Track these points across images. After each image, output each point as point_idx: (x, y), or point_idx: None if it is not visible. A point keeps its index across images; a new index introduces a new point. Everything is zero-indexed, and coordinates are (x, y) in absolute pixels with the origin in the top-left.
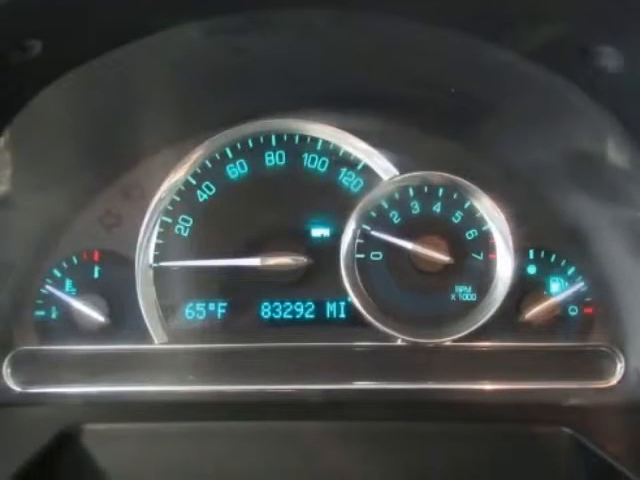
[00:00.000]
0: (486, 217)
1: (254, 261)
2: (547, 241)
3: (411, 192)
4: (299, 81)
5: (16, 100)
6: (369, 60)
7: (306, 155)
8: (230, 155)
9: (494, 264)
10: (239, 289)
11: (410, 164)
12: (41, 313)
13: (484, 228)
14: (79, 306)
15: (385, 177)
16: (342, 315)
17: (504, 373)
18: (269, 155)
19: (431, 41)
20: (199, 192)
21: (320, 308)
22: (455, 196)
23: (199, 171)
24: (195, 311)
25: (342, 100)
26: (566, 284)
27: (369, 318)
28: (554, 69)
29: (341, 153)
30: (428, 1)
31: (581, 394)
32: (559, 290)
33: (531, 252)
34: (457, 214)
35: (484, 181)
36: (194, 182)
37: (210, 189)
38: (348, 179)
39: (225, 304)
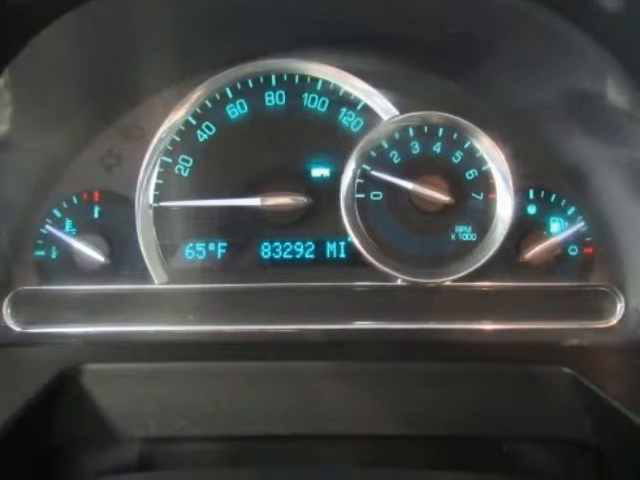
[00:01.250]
0: (486, 157)
1: (254, 201)
2: (547, 181)
3: (411, 132)
4: (299, 21)
5: (16, 40)
6: None
7: (306, 95)
8: (230, 95)
9: (494, 204)
10: (239, 229)
11: (410, 104)
12: (41, 253)
13: (484, 168)
14: (79, 246)
15: (385, 117)
16: (342, 255)
17: (504, 313)
18: (269, 95)
19: None
20: (199, 132)
21: (320, 248)
22: (455, 136)
23: (199, 111)
24: (195, 251)
25: (342, 40)
26: (566, 224)
27: (369, 258)
28: (554, 9)
29: (341, 93)
30: None
31: (581, 334)
32: (559, 230)
33: (531, 192)
34: (457, 154)
35: (484, 121)
36: (194, 122)
37: (210, 129)
38: (348, 119)
39: (225, 244)
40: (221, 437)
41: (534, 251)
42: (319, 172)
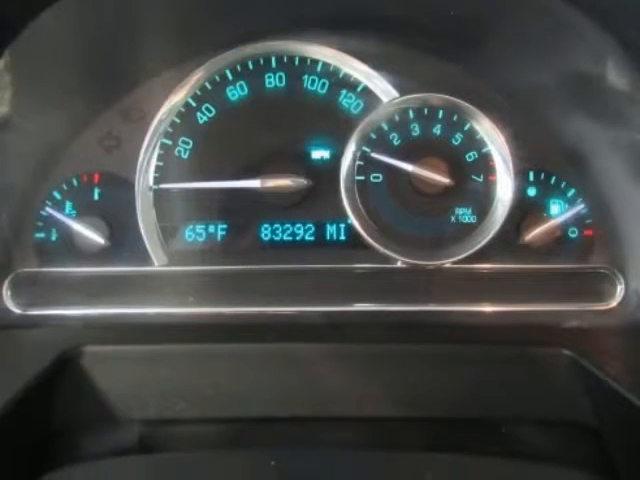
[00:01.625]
0: (486, 139)
1: (254, 183)
2: (547, 163)
3: (411, 114)
4: (299, 2)
5: (16, 22)
6: None
7: (306, 77)
8: (230, 77)
9: (494, 186)
10: (239, 211)
11: (410, 86)
12: (41, 235)
13: (484, 150)
14: (79, 228)
15: (385, 99)
16: (342, 237)
17: (504, 295)
18: (269, 77)
19: None
20: (199, 114)
21: (320, 230)
22: (455, 118)
23: (199, 93)
24: (195, 233)
25: (342, 22)
26: (566, 206)
27: (369, 240)
28: None
29: (341, 75)
30: None
31: (581, 316)
32: (559, 212)
33: (531, 174)
34: (457, 136)
35: (484, 103)
36: (194, 104)
37: (210, 111)
38: (348, 101)
39: (225, 226)
40: (221, 419)
41: (534, 233)
42: (319, 154)
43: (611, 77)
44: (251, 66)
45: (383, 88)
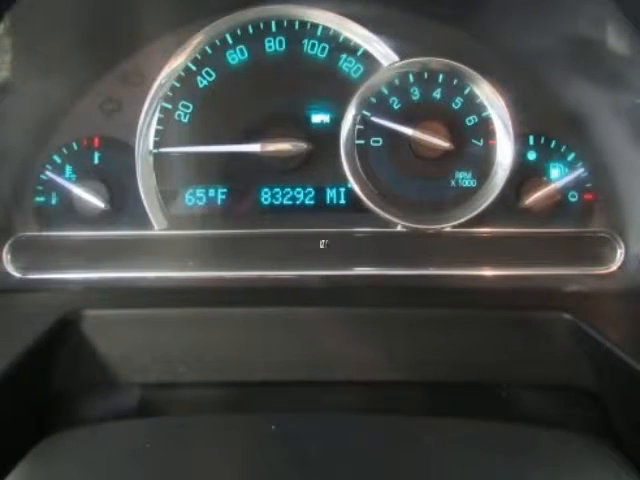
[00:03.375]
0: (486, 103)
1: (254, 147)
2: (547, 127)
3: (411, 78)
4: None
5: None
6: None
7: (306, 41)
8: (230, 41)
9: (494, 150)
10: (239, 175)
11: (410, 50)
12: (41, 199)
13: (484, 114)
14: (79, 192)
15: (385, 63)
16: (342, 201)
17: (504, 259)
18: (269, 41)
19: None
20: (199, 78)
21: (320, 194)
22: (455, 82)
23: (199, 57)
24: (195, 197)
25: None
26: (566, 170)
27: (369, 204)
28: None
29: (341, 39)
30: None
31: (581, 280)
32: (559, 176)
33: (531, 138)
34: (457, 100)
35: (484, 67)
36: (194, 68)
37: (210, 75)
38: (348, 65)
39: (225, 190)
40: (220, 383)
41: (534, 197)
42: (319, 118)
43: (611, 41)
44: (251, 30)
45: (383, 52)
